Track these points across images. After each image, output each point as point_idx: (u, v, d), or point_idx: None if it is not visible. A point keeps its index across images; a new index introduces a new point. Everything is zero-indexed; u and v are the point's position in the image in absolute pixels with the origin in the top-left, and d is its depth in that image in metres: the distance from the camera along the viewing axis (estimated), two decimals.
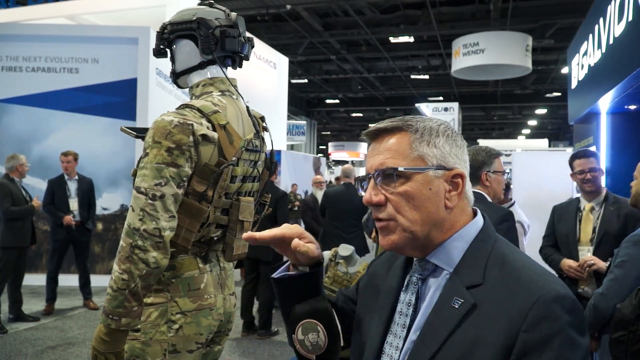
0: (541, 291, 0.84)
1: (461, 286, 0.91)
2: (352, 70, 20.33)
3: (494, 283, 0.89)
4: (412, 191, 0.93)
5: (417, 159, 0.95)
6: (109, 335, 1.51)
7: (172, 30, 1.84)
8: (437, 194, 0.94)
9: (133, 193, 1.56)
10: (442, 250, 0.96)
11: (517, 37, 13.09)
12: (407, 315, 0.97)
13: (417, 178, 0.94)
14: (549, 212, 3.50)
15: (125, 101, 7.12)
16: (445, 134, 0.98)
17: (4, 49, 7.20)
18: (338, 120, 33.85)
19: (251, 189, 1.88)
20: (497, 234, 1.00)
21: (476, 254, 0.94)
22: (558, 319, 0.82)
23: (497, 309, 0.86)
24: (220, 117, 1.68)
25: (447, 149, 0.97)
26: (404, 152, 0.95)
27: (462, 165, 0.98)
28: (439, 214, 0.95)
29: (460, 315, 0.88)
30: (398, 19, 14.51)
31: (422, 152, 0.95)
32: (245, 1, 12.49)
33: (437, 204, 0.94)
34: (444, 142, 0.97)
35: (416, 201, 0.93)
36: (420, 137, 0.96)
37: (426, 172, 0.94)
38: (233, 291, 1.90)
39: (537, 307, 0.82)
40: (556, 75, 19.48)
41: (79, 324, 5.36)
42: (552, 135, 32.51)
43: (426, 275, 0.98)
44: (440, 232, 0.96)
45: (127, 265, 1.49)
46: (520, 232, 3.66)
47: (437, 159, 0.95)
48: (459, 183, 0.96)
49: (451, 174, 0.96)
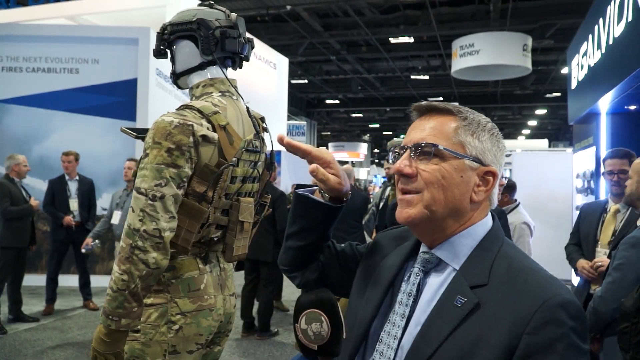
0: (547, 295, 0.84)
1: (465, 285, 0.91)
2: (352, 70, 20.33)
3: (499, 284, 0.89)
4: (445, 172, 0.94)
5: (457, 144, 0.96)
6: (109, 335, 1.51)
7: (172, 31, 1.84)
8: (467, 183, 0.95)
9: (133, 194, 1.56)
10: (448, 244, 0.97)
11: (513, 37, 13.09)
12: (407, 305, 0.97)
13: (453, 162, 0.95)
14: (549, 213, 3.50)
15: (125, 101, 7.12)
16: (491, 131, 0.99)
17: (5, 49, 7.20)
18: (338, 121, 33.85)
19: (251, 189, 1.88)
20: (506, 237, 1.00)
21: (483, 253, 0.95)
22: (563, 324, 0.82)
23: (501, 310, 0.86)
24: (220, 118, 1.68)
25: (488, 145, 0.98)
26: (447, 134, 0.96)
27: (497, 166, 0.99)
28: (463, 203, 0.96)
29: (462, 314, 0.88)
30: (398, 20, 14.51)
31: (464, 140, 0.96)
32: (245, 2, 12.49)
33: (464, 193, 0.95)
34: (487, 138, 0.98)
35: (446, 182, 0.94)
36: (467, 125, 0.97)
37: (463, 159, 0.95)
38: (233, 292, 1.90)
39: (542, 311, 0.83)
40: (556, 76, 19.48)
41: (78, 325, 5.36)
42: (552, 135, 32.53)
43: (429, 268, 0.98)
44: (457, 221, 0.97)
45: (127, 265, 1.49)
46: (526, 233, 3.67)
47: (476, 151, 0.96)
48: (490, 181, 0.97)
49: (485, 169, 0.97)
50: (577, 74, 5.65)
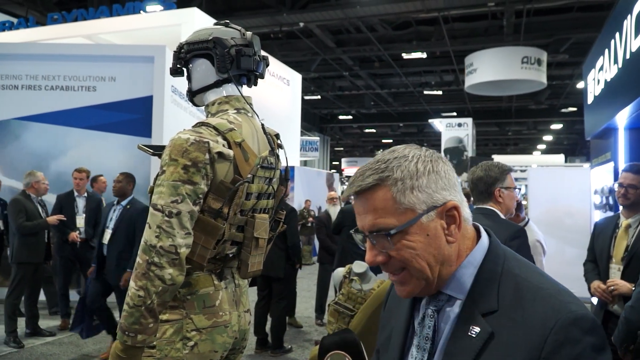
0: (558, 314, 0.82)
1: (477, 314, 0.89)
2: (365, 86, 20.42)
3: (509, 309, 0.87)
4: (412, 243, 0.90)
5: (405, 211, 0.90)
6: (125, 351, 1.51)
7: (189, 49, 1.87)
8: (435, 236, 0.91)
9: (150, 210, 1.57)
10: (452, 280, 0.94)
11: (510, 52, 13.17)
12: (425, 350, 0.95)
13: (412, 230, 0.90)
14: (565, 229, 3.46)
15: (141, 118, 7.20)
16: (425, 170, 0.92)
17: (24, 67, 7.34)
18: (351, 136, 33.92)
19: (266, 205, 1.88)
20: (505, 249, 0.98)
21: (487, 277, 0.92)
22: (578, 342, 0.80)
23: (515, 336, 0.84)
24: (235, 135, 1.70)
25: (432, 187, 0.91)
26: (390, 209, 0.90)
27: (453, 192, 0.93)
28: (444, 252, 0.92)
29: (479, 346, 0.86)
30: (410, 35, 14.58)
31: (408, 203, 0.90)
32: (259, 19, 12.65)
33: (439, 245, 0.92)
34: (427, 181, 0.91)
35: (418, 251, 0.90)
36: (402, 186, 0.90)
37: (419, 220, 0.90)
38: (248, 308, 1.90)
39: (555, 332, 0.81)
40: (571, 90, 19.37)
41: (94, 340, 5.37)
42: (568, 150, 32.25)
43: (441, 306, 0.96)
44: (449, 266, 0.93)
45: (143, 281, 1.50)
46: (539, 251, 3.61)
47: (425, 203, 0.90)
48: (455, 215, 0.92)
49: (444, 209, 0.92)
50: (594, 89, 5.61)
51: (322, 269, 6.53)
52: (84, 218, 5.88)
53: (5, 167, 7.24)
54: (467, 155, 18.78)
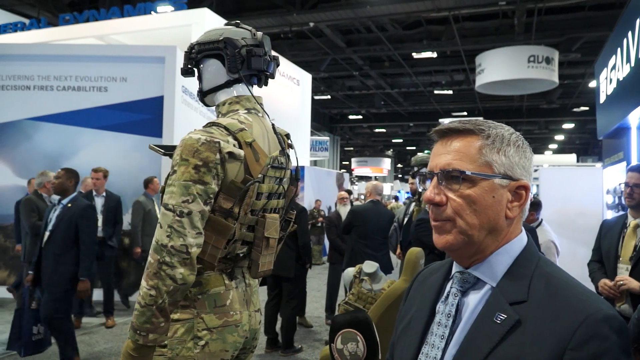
0: (589, 310, 0.83)
1: (504, 302, 0.89)
2: (375, 86, 20.38)
3: (539, 300, 0.88)
4: (476, 196, 0.93)
5: (484, 165, 0.94)
6: (137, 350, 1.52)
7: (200, 50, 1.87)
8: (499, 202, 0.93)
9: (161, 210, 1.58)
10: (486, 264, 0.95)
11: (516, 51, 13.11)
12: (446, 326, 0.96)
13: (482, 184, 0.93)
14: (578, 230, 3.43)
15: (152, 118, 7.25)
16: (516, 144, 0.97)
17: (36, 68, 7.42)
18: (361, 136, 33.88)
19: (276, 205, 1.88)
20: (540, 254, 0.99)
21: (520, 270, 0.93)
22: (606, 339, 0.81)
23: (543, 326, 0.84)
24: (246, 135, 1.70)
25: (516, 159, 0.95)
26: (472, 156, 0.94)
27: (528, 178, 0.97)
28: (498, 222, 0.94)
29: (503, 331, 0.86)
30: (421, 35, 14.54)
31: (490, 159, 0.94)
32: (269, 19, 12.67)
33: (498, 212, 0.94)
34: (514, 151, 0.96)
35: (478, 206, 0.93)
36: (491, 143, 0.95)
37: (492, 179, 0.93)
38: (258, 308, 1.90)
39: (585, 326, 0.82)
40: (583, 90, 19.21)
41: (105, 339, 5.41)
42: (580, 150, 31.99)
43: (467, 288, 0.97)
44: (495, 240, 0.95)
45: (154, 281, 1.50)
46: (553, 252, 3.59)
47: (504, 168, 0.94)
48: (523, 195, 0.95)
49: (516, 184, 0.95)
50: (606, 88, 5.56)
51: (332, 268, 6.53)
52: (101, 218, 5.93)
53: (18, 167, 7.31)
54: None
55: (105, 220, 5.95)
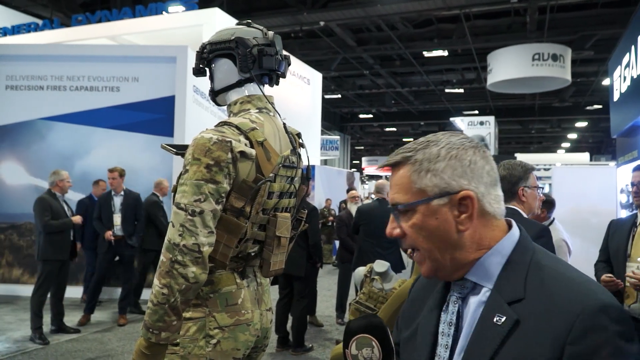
0: (585, 302, 0.82)
1: (502, 302, 0.89)
2: (386, 84, 20.33)
3: (536, 296, 0.87)
4: (419, 223, 0.94)
5: (417, 192, 0.94)
6: (149, 348, 1.53)
7: (211, 49, 1.87)
8: (445, 221, 0.93)
9: (173, 209, 1.59)
10: (479, 266, 0.94)
11: (520, 49, 13.12)
12: (449, 335, 0.96)
13: (421, 209, 0.94)
14: (591, 229, 3.40)
15: (164, 118, 7.29)
16: (448, 155, 0.94)
17: (49, 68, 7.49)
18: (371, 135, 33.83)
19: (288, 204, 1.88)
20: (535, 245, 0.98)
21: (515, 267, 0.92)
22: (604, 329, 0.80)
23: (541, 323, 0.84)
24: (257, 134, 1.70)
25: (448, 173, 0.93)
26: (406, 187, 0.95)
27: (474, 184, 0.93)
28: (455, 239, 0.93)
29: (504, 333, 0.86)
30: (432, 33, 14.48)
31: (421, 184, 0.94)
32: (280, 19, 12.69)
33: (448, 231, 0.93)
34: (444, 166, 0.93)
35: (425, 232, 0.94)
36: (419, 167, 0.94)
37: (429, 203, 0.93)
38: (270, 307, 1.91)
39: (582, 319, 0.81)
40: (596, 87, 19.02)
41: (118, 337, 5.46)
42: (593, 148, 31.68)
43: (466, 293, 0.96)
44: (466, 252, 0.94)
45: (167, 279, 1.51)
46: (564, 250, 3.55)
47: (438, 188, 0.93)
48: (468, 204, 0.93)
49: (457, 197, 0.92)
50: (620, 86, 5.50)
51: (342, 268, 6.52)
52: (119, 216, 5.98)
53: (31, 166, 7.40)
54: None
55: (124, 219, 5.99)
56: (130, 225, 6.03)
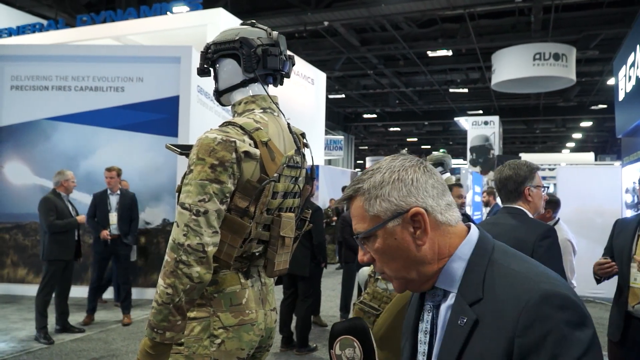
0: (529, 293, 0.86)
1: (464, 304, 0.93)
2: (390, 84, 20.31)
3: (491, 294, 0.91)
4: (381, 247, 0.98)
5: (373, 218, 0.99)
6: (154, 348, 1.53)
7: (216, 50, 1.88)
8: (404, 239, 0.97)
9: (177, 209, 1.59)
10: (444, 274, 0.99)
11: (521, 49, 13.13)
12: (425, 342, 1.01)
13: (380, 234, 0.98)
14: (596, 229, 3.38)
15: (168, 118, 7.30)
16: (390, 180, 0.98)
17: (54, 69, 7.52)
18: (376, 135, 33.80)
19: (292, 204, 1.88)
20: (497, 243, 1.01)
21: (474, 269, 0.96)
22: (548, 318, 0.83)
23: (495, 320, 0.88)
24: (262, 134, 1.70)
25: (395, 195, 0.97)
26: (362, 216, 1.00)
27: (420, 199, 0.97)
28: (416, 255, 0.97)
29: (466, 333, 0.90)
30: (436, 33, 14.45)
31: (374, 211, 0.98)
32: (284, 19, 12.69)
33: (409, 248, 0.97)
34: (390, 190, 0.98)
35: (388, 254, 0.98)
36: (368, 196, 0.99)
37: (384, 226, 0.97)
38: (274, 307, 1.91)
39: (526, 311, 0.84)
40: (601, 87, 18.95)
41: (122, 336, 5.47)
42: (598, 148, 31.56)
43: (438, 301, 1.01)
44: (430, 265, 0.98)
45: (171, 279, 1.51)
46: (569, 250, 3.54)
47: (390, 211, 0.97)
48: (420, 220, 0.97)
49: (408, 215, 0.97)
50: (625, 85, 5.48)
51: (346, 268, 6.52)
52: (116, 215, 5.99)
53: (36, 167, 7.43)
54: (493, 153, 18.50)
55: (120, 218, 6.00)
56: (126, 225, 6.03)
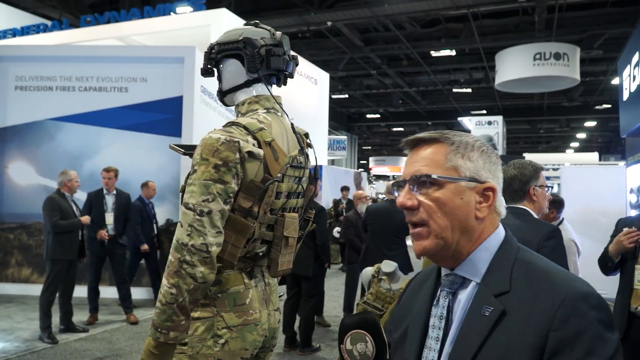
0: (566, 290, 0.88)
1: (489, 294, 0.94)
2: (393, 84, 20.29)
3: (521, 288, 0.92)
4: (444, 198, 0.98)
5: (450, 169, 1.00)
6: (158, 348, 1.54)
7: (219, 50, 1.88)
8: (467, 204, 0.99)
9: (181, 209, 1.59)
10: (468, 262, 1.00)
11: (521, 50, 13.13)
12: (439, 328, 1.00)
13: (450, 187, 0.98)
14: (600, 229, 3.36)
15: (172, 118, 7.32)
16: (480, 149, 1.03)
17: (58, 69, 7.54)
18: (379, 135, 33.78)
19: (296, 205, 1.89)
20: (519, 244, 1.03)
21: (501, 262, 0.98)
22: (585, 315, 0.85)
23: (526, 313, 0.89)
24: (265, 134, 1.71)
25: (480, 163, 1.01)
26: (439, 162, 1.00)
27: (495, 181, 1.02)
28: (469, 222, 0.99)
29: (491, 323, 0.91)
30: (439, 33, 14.43)
31: (456, 164, 1.00)
32: (287, 19, 12.70)
33: (468, 213, 0.98)
34: (478, 156, 1.02)
35: (447, 208, 0.98)
36: (455, 149, 1.01)
37: (458, 182, 0.99)
38: (277, 307, 1.91)
39: (564, 306, 0.86)
40: (606, 87, 18.89)
41: (126, 336, 5.48)
42: (602, 148, 31.43)
43: (455, 288, 1.01)
44: (469, 241, 0.99)
45: (175, 279, 1.52)
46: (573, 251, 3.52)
47: (470, 171, 1.00)
48: (490, 196, 1.00)
49: (483, 186, 1.00)
50: (629, 85, 5.46)
51: (350, 268, 6.52)
52: (112, 215, 6.00)
53: (40, 167, 7.45)
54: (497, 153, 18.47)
55: (116, 218, 6.01)
56: (121, 225, 6.04)
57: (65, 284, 5.42)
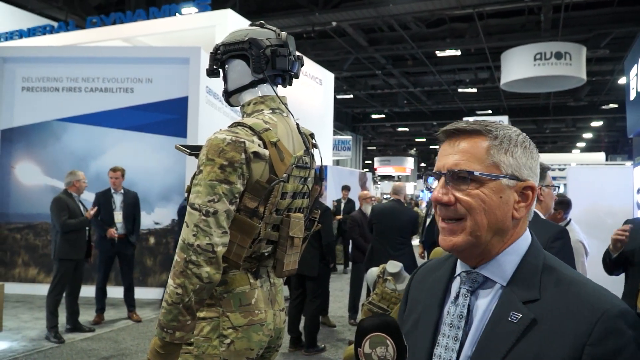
0: (605, 306, 0.85)
1: (517, 300, 0.91)
2: (398, 84, 20.26)
3: (552, 299, 0.89)
4: (484, 196, 0.93)
5: (492, 165, 0.95)
6: (164, 348, 1.54)
7: (225, 50, 1.88)
8: (507, 202, 0.94)
9: (187, 209, 1.60)
10: (495, 263, 0.96)
11: (522, 50, 13.13)
12: (458, 327, 0.96)
13: (490, 184, 0.94)
14: (607, 230, 3.35)
15: (177, 119, 7.33)
16: (523, 144, 0.98)
17: (65, 70, 7.57)
18: (384, 135, 33.73)
19: (301, 205, 1.89)
20: (543, 250, 1.01)
21: (529, 267, 0.94)
22: (623, 333, 0.83)
23: (559, 324, 0.86)
24: (271, 135, 1.71)
25: (523, 160, 0.96)
26: (480, 157, 0.95)
27: (534, 179, 0.98)
28: (505, 222, 0.95)
29: (520, 331, 0.87)
30: (444, 33, 14.39)
31: (498, 160, 0.95)
32: (292, 19, 12.70)
33: (505, 213, 0.95)
34: (521, 152, 0.97)
35: (486, 206, 0.93)
36: (499, 144, 0.96)
37: (499, 180, 0.94)
38: (283, 307, 1.91)
39: (602, 322, 0.83)
40: (612, 86, 18.78)
41: (132, 336, 5.50)
42: (609, 148, 31.27)
43: (476, 287, 0.97)
44: (501, 241, 0.96)
45: (181, 279, 1.52)
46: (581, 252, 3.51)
47: (512, 169, 0.95)
48: (529, 195, 0.96)
49: (523, 185, 0.96)
50: (636, 85, 5.43)
51: (355, 268, 6.52)
52: (121, 214, 6.02)
53: (47, 167, 7.49)
54: None
55: (125, 217, 6.04)
56: (130, 224, 6.07)
57: (72, 284, 5.45)
